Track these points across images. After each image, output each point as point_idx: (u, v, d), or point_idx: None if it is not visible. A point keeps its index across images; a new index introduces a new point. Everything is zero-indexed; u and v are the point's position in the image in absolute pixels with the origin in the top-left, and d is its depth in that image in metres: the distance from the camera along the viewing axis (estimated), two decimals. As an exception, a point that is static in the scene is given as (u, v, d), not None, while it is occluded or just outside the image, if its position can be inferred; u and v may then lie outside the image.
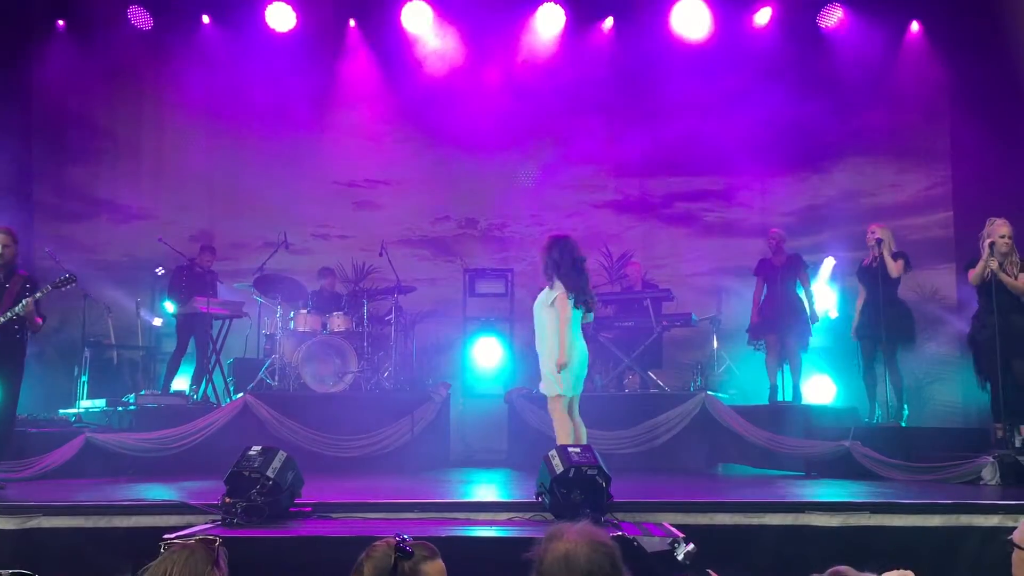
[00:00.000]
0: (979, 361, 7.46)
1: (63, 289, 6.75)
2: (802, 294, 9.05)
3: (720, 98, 11.24)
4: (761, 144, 11.10)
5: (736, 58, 11.34)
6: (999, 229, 7.21)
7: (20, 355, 6.70)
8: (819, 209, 11.19)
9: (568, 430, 6.29)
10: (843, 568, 2.31)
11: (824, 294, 10.06)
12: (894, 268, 8.19)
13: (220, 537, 2.75)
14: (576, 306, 6.35)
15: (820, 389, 9.76)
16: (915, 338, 8.42)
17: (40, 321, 6.70)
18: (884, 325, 7.94)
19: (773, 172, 11.49)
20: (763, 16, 11.32)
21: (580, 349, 6.44)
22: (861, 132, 11.19)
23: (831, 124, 11.10)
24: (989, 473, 6.57)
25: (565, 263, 6.39)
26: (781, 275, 9.00)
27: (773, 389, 9.13)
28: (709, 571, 3.28)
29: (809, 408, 8.75)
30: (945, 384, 10.30)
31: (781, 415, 8.45)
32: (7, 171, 10.58)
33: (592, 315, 6.64)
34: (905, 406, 8.24)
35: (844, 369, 8.93)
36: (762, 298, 9.22)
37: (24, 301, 6.41)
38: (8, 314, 6.41)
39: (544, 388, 6.48)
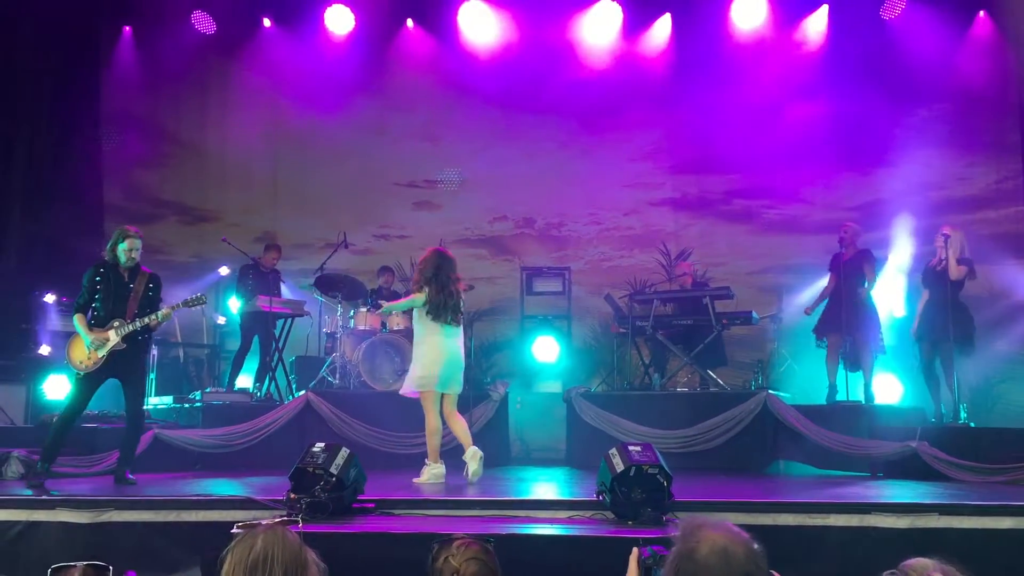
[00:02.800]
0: None
1: (192, 308, 7.03)
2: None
3: (780, 92, 11.10)
4: (823, 138, 10.93)
5: (796, 51, 11.19)
6: None
7: (146, 355, 7.06)
8: (884, 204, 10.92)
9: (434, 426, 6.93)
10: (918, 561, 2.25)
11: (888, 293, 9.85)
12: (955, 270, 8.02)
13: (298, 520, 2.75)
14: (434, 318, 6.85)
15: (886, 388, 9.55)
16: (974, 342, 8.22)
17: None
18: (949, 327, 7.78)
19: (836, 166, 11.29)
20: (823, 9, 11.15)
21: (447, 352, 6.89)
22: (928, 124, 10.94)
23: (896, 117, 10.89)
24: (1063, 474, 6.38)
25: (430, 277, 6.88)
26: (846, 271, 8.79)
27: (832, 388, 8.94)
28: (773, 572, 3.23)
29: (875, 408, 8.55)
30: (1017, 383, 10.01)
31: (845, 415, 8.28)
32: (79, 174, 10.91)
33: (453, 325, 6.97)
34: (963, 406, 8.03)
35: (910, 368, 8.72)
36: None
37: (165, 310, 6.64)
38: (147, 319, 6.59)
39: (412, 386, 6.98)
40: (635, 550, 2.77)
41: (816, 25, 11.24)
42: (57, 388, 8.73)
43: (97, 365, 6.55)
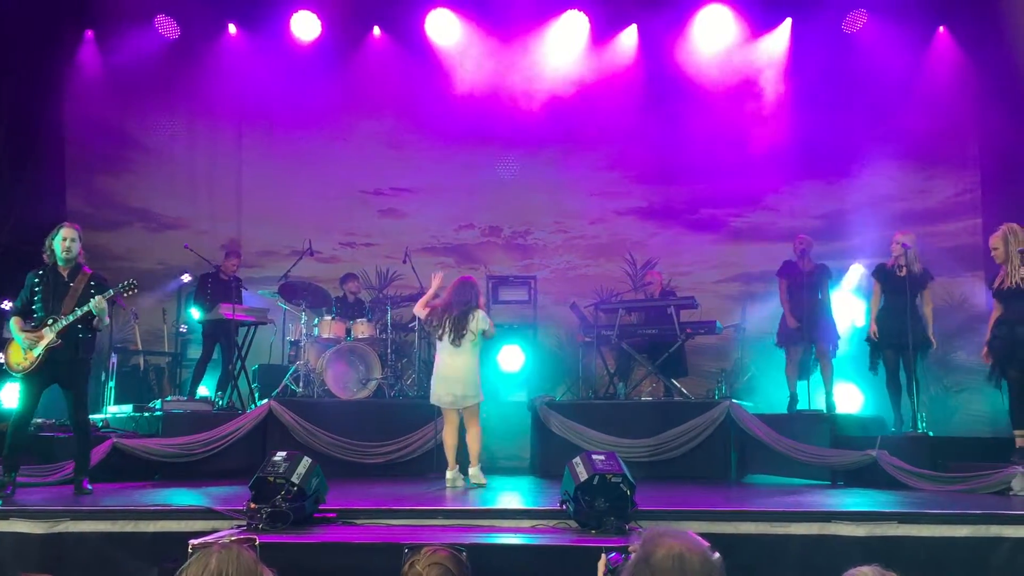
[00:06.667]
0: (992, 369, 7.40)
1: (127, 295, 6.72)
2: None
3: (746, 102, 11.21)
4: (789, 148, 11.07)
5: (760, 63, 11.32)
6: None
7: (88, 357, 6.63)
8: (847, 214, 11.09)
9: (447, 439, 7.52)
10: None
11: (850, 302, 9.96)
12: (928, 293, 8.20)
13: (255, 538, 2.73)
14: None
15: (847, 397, 9.66)
16: (932, 347, 8.31)
17: (107, 319, 6.66)
18: (909, 335, 7.87)
19: (801, 176, 11.44)
20: (787, 22, 11.29)
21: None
22: (889, 137, 11.09)
23: (859, 128, 11.05)
24: (1019, 483, 6.44)
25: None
26: (807, 283, 8.91)
27: (793, 398, 9.05)
28: (734, 580, 3.25)
29: (835, 417, 8.66)
30: (973, 393, 10.16)
31: (806, 423, 8.37)
32: (41, 180, 10.69)
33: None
34: (922, 415, 8.11)
35: (871, 378, 8.84)
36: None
37: (96, 299, 6.37)
38: (77, 311, 6.37)
39: None
40: (603, 557, 2.78)
41: (780, 37, 11.38)
42: (12, 396, 8.56)
43: (34, 365, 6.33)
